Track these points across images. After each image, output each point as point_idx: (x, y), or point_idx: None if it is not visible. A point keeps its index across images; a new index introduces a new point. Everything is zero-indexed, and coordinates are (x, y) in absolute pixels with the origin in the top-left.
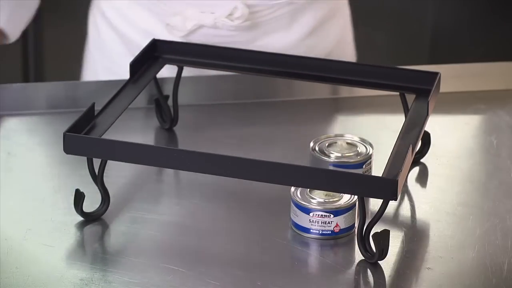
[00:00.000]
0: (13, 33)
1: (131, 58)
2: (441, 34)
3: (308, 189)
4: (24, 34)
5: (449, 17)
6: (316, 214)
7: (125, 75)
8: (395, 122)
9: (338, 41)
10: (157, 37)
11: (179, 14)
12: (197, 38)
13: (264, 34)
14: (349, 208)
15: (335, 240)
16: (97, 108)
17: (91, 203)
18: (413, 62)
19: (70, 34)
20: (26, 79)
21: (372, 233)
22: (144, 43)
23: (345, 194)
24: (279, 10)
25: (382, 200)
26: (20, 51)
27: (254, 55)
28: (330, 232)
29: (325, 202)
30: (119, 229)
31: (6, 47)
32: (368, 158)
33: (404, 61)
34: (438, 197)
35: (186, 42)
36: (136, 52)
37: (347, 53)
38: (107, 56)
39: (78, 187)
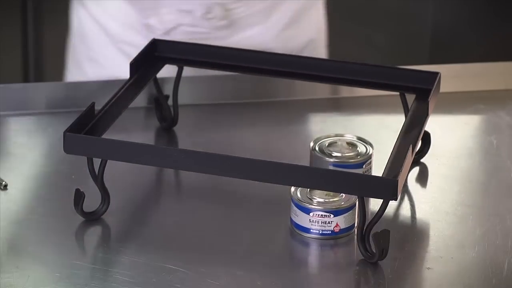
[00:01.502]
0: None
1: (114, 48)
2: (441, 34)
3: (308, 189)
4: (24, 34)
5: (449, 17)
6: (316, 214)
7: (109, 65)
8: (395, 122)
9: (317, 30)
10: (138, 32)
11: (157, 14)
12: (176, 36)
13: (242, 30)
14: (349, 208)
15: (335, 240)
16: (97, 108)
17: (91, 203)
18: (413, 62)
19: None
20: (26, 79)
21: (372, 233)
22: (125, 37)
23: (345, 194)
24: (255, 6)
25: (382, 200)
26: (20, 51)
27: (254, 55)
28: (330, 232)
29: (325, 202)
30: (119, 229)
31: (6, 47)
32: (368, 158)
33: (404, 61)
34: (438, 197)
35: (186, 42)
36: (119, 43)
37: (321, 44)
38: (89, 47)
39: (78, 186)
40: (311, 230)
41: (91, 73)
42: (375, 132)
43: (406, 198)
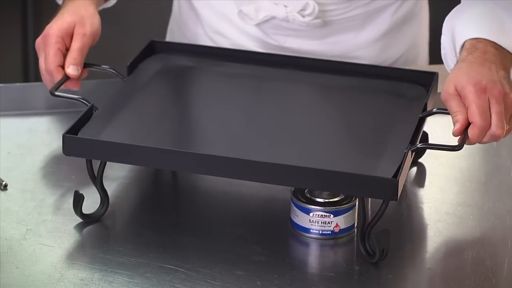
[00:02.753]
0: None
1: (207, 40)
2: (441, 34)
3: (308, 189)
4: (24, 34)
5: None
6: (316, 214)
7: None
8: None
9: (412, 44)
10: (230, 22)
11: (254, 3)
12: (267, 30)
13: (336, 32)
14: (349, 208)
15: (335, 240)
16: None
17: (91, 203)
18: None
19: None
20: (26, 79)
21: (372, 233)
22: (218, 26)
23: (345, 194)
24: (353, 11)
25: (382, 200)
26: (20, 51)
27: (254, 56)
28: (330, 232)
29: (325, 202)
30: (119, 229)
31: (6, 47)
32: None
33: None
34: (438, 197)
35: (183, 43)
36: (211, 32)
37: (420, 56)
38: (185, 35)
39: (77, 187)
40: (311, 230)
41: None
42: None
43: (406, 198)
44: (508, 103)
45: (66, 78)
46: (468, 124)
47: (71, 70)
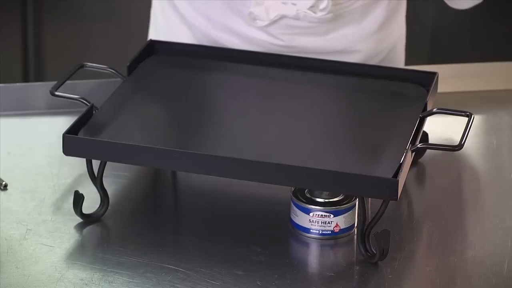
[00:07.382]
0: None
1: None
2: (441, 34)
3: (308, 189)
4: (24, 34)
5: (449, 17)
6: (316, 214)
7: None
8: None
9: (400, 35)
10: (233, 33)
11: (262, 3)
12: (276, 30)
13: (338, 27)
14: (349, 208)
15: (335, 240)
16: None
17: (91, 203)
18: (413, 62)
19: (70, 34)
20: (26, 79)
21: (372, 233)
22: (214, 34)
23: (345, 194)
24: (356, 2)
25: (382, 200)
26: (20, 51)
27: (253, 56)
28: (330, 232)
29: (325, 202)
30: (119, 230)
31: (6, 47)
32: None
33: (404, 61)
34: (438, 197)
35: (182, 43)
36: (211, 43)
37: (402, 47)
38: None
39: (78, 187)
40: (311, 230)
41: None
42: None
43: (406, 198)
44: None
45: (66, 78)
46: None
47: None
